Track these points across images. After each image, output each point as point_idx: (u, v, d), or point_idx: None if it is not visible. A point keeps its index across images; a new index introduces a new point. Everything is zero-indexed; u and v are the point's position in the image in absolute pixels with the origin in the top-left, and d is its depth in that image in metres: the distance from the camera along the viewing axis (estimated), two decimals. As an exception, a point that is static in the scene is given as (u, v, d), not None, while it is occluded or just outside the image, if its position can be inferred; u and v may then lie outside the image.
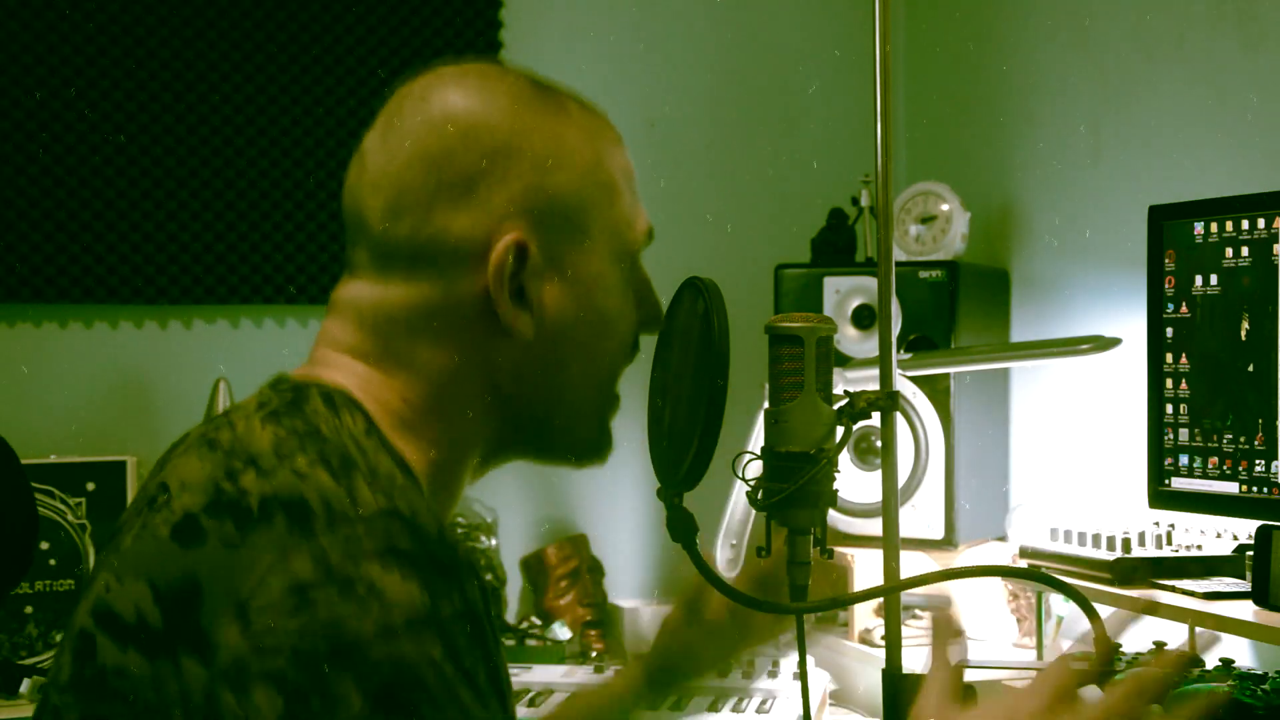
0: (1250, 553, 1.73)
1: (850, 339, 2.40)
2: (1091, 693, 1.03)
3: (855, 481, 2.35)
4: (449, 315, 1.03)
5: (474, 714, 0.88)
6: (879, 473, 1.41)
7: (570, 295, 1.06)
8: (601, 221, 1.08)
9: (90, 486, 2.34)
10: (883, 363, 1.38)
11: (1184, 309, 1.88)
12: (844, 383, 2.23)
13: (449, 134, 1.03)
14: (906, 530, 2.26)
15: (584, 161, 1.07)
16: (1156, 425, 1.91)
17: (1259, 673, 1.72)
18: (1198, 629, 1.70)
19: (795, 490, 1.16)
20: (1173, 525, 1.93)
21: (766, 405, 1.20)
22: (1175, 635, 1.91)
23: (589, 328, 1.07)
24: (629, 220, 1.11)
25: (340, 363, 1.04)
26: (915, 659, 1.29)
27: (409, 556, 0.88)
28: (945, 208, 2.48)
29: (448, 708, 0.86)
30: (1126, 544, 1.85)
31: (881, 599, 1.80)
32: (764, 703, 2.13)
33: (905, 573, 1.31)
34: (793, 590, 1.22)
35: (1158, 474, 1.91)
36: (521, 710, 2.04)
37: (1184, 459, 1.87)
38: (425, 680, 0.86)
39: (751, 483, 1.18)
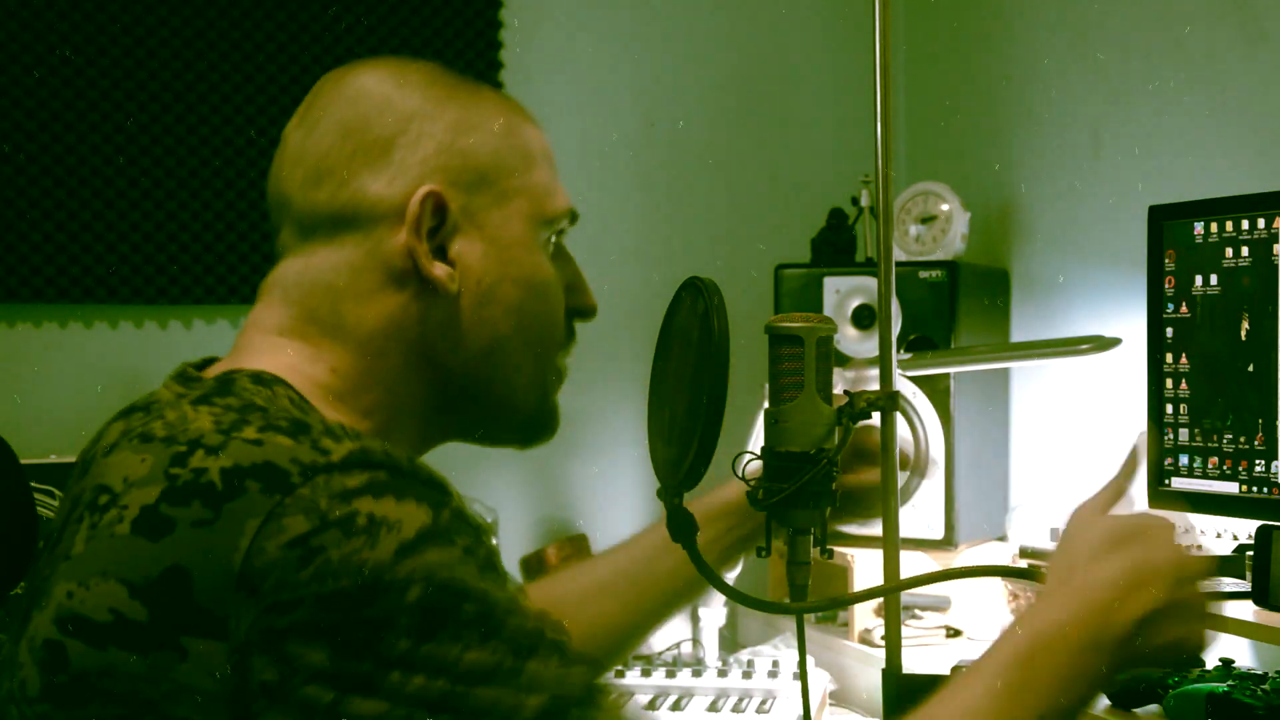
0: (1250, 553, 1.73)
1: (850, 339, 2.40)
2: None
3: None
4: (373, 274, 1.05)
5: (511, 598, 0.89)
6: (879, 472, 1.40)
7: (492, 253, 1.07)
8: (518, 184, 1.09)
9: (90, 486, 2.34)
10: (883, 363, 1.38)
11: (1184, 309, 1.88)
12: (844, 383, 2.23)
13: (364, 104, 1.06)
14: (906, 530, 2.26)
15: (497, 127, 1.09)
16: (1156, 425, 1.91)
17: (1259, 673, 1.72)
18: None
19: (795, 490, 1.16)
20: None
21: (766, 405, 1.20)
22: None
23: (515, 287, 1.08)
24: (547, 190, 1.12)
25: (265, 345, 1.05)
26: (915, 659, 1.29)
27: (394, 482, 0.90)
28: (945, 208, 2.48)
29: (485, 597, 0.88)
30: (1126, 544, 1.84)
31: (881, 599, 1.80)
32: (764, 703, 2.13)
33: (905, 573, 1.31)
34: (793, 590, 1.22)
35: (1158, 474, 1.91)
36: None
37: (1184, 459, 1.87)
38: (458, 580, 0.87)
39: (751, 483, 1.18)
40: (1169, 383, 1.89)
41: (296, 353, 1.04)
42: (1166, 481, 1.90)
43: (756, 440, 1.23)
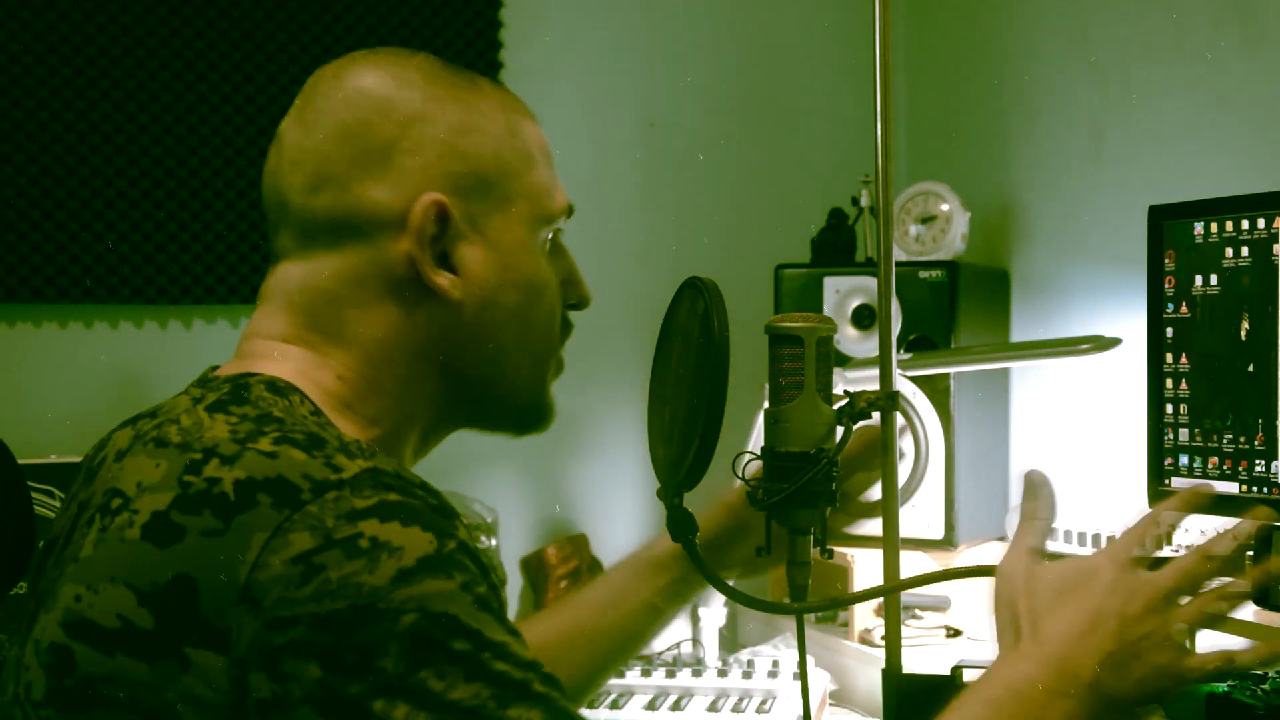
0: (1250, 553, 1.72)
1: (850, 339, 2.40)
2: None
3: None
4: (376, 282, 1.04)
5: (498, 636, 0.88)
6: (879, 472, 1.40)
7: (494, 258, 1.07)
8: (519, 186, 1.09)
9: (90, 486, 2.34)
10: (883, 363, 1.38)
11: (1184, 309, 1.88)
12: (844, 383, 2.23)
13: (363, 106, 1.05)
14: (906, 530, 2.26)
15: (498, 128, 1.08)
16: (1156, 425, 1.91)
17: (1259, 673, 1.72)
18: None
19: (795, 490, 1.16)
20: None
21: (766, 405, 1.20)
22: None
23: (516, 291, 1.08)
24: (547, 190, 1.12)
25: (272, 351, 1.05)
26: (915, 659, 1.29)
27: (402, 506, 0.89)
28: (945, 208, 2.48)
29: (478, 635, 0.87)
30: (1126, 544, 1.84)
31: (881, 599, 1.79)
32: (764, 703, 2.13)
33: (905, 573, 1.31)
34: (793, 590, 1.22)
35: (1158, 474, 1.90)
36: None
37: (1184, 459, 1.87)
38: (451, 612, 0.86)
39: (751, 483, 1.18)
40: (1169, 383, 1.89)
41: (303, 359, 1.04)
42: (1166, 481, 1.90)
43: (756, 440, 1.23)
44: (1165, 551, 1.91)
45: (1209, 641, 1.89)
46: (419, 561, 0.87)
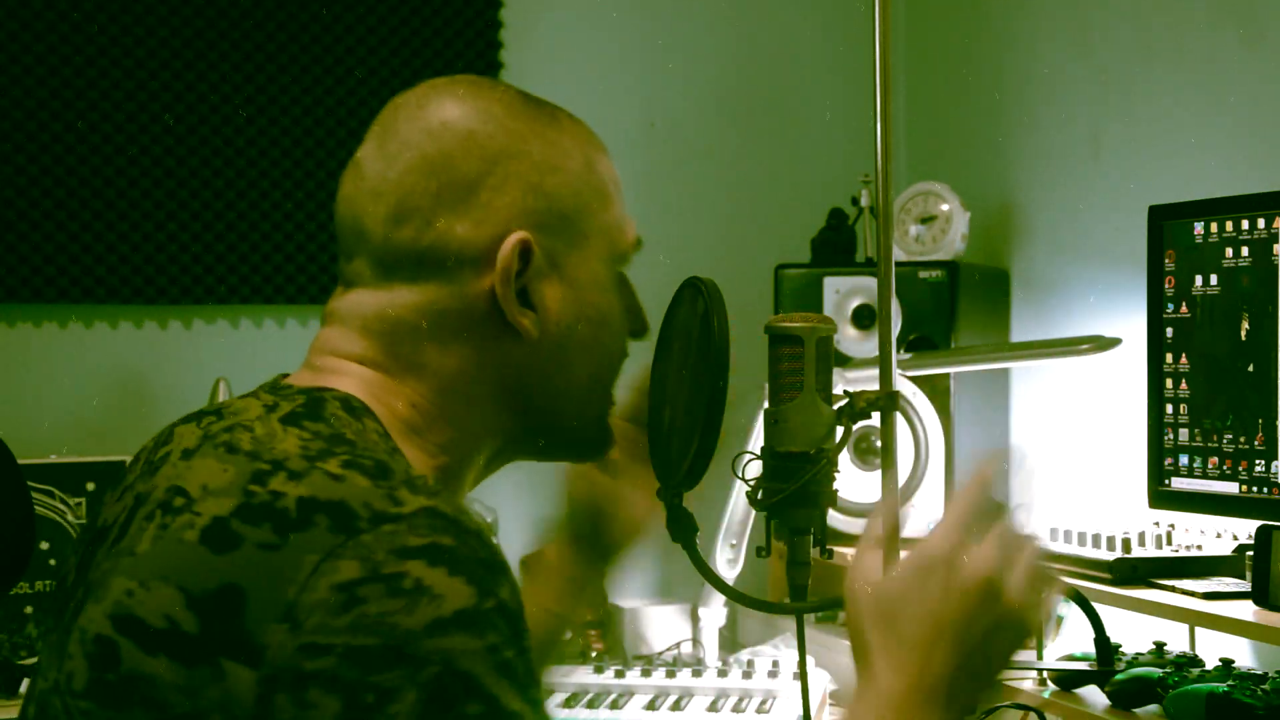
0: (1250, 553, 1.73)
1: (850, 339, 2.40)
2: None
3: (855, 481, 2.35)
4: (456, 317, 1.04)
5: (513, 705, 0.88)
6: (879, 473, 1.40)
7: (571, 296, 1.07)
8: (597, 224, 1.09)
9: (90, 486, 2.34)
10: (883, 363, 1.38)
11: (1184, 309, 1.88)
12: (844, 383, 2.23)
13: (447, 140, 1.05)
14: (906, 530, 2.25)
15: (579, 165, 1.09)
16: (1156, 425, 1.91)
17: (1259, 673, 1.72)
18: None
19: (795, 490, 1.16)
20: (1173, 525, 1.93)
21: (766, 405, 1.20)
22: (1175, 635, 1.91)
23: (590, 327, 1.08)
24: (620, 225, 1.13)
25: (348, 369, 1.04)
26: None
27: (453, 553, 0.89)
28: (945, 208, 2.48)
29: (494, 701, 0.87)
30: (1126, 544, 1.85)
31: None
32: (764, 703, 2.13)
33: (905, 573, 1.30)
34: (793, 590, 1.22)
35: (1158, 474, 1.91)
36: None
37: (1184, 459, 1.87)
38: (474, 673, 0.86)
39: (751, 483, 1.18)
40: (1169, 383, 1.89)
41: (378, 384, 1.04)
42: (1166, 481, 1.90)
43: (756, 440, 1.23)
44: (1165, 551, 1.91)
45: (1209, 641, 1.89)
46: (455, 614, 0.86)
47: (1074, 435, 2.41)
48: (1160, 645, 1.86)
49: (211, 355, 2.53)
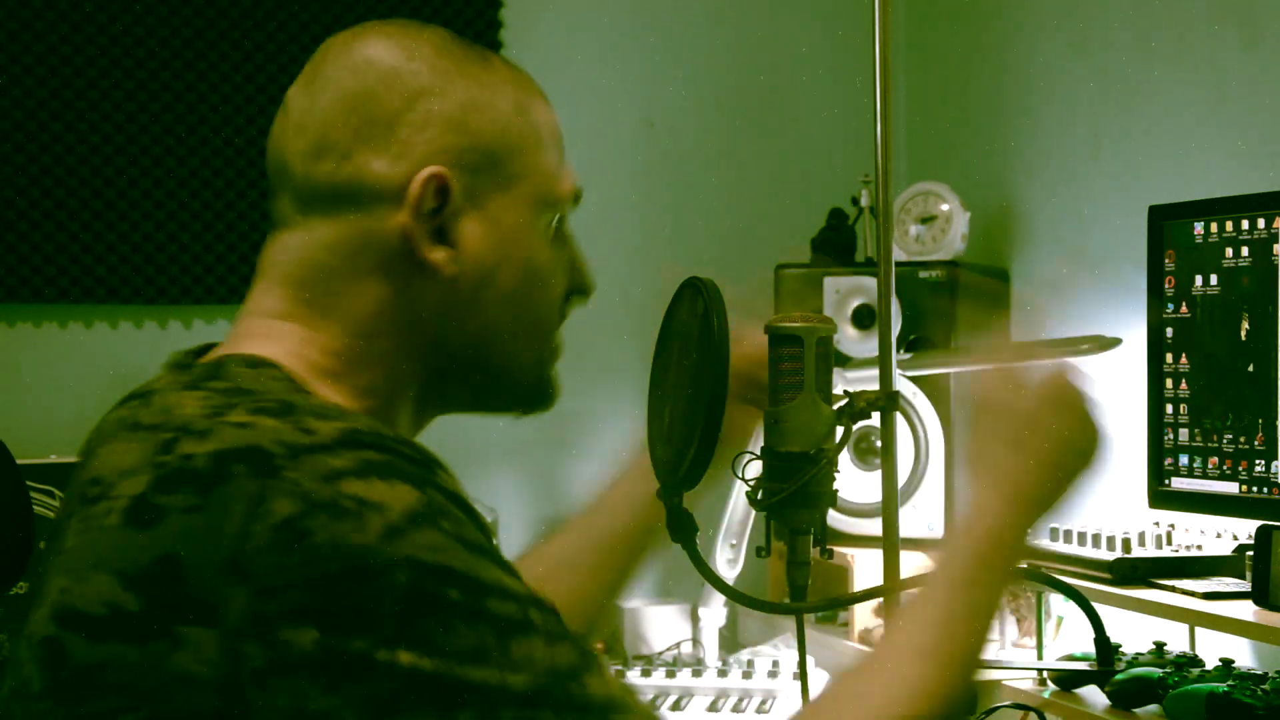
0: (1250, 553, 1.73)
1: (850, 339, 2.40)
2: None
3: (855, 481, 2.35)
4: (370, 253, 1.03)
5: (491, 576, 0.89)
6: (879, 473, 1.40)
7: (493, 236, 1.06)
8: (526, 167, 1.08)
9: (90, 486, 2.34)
10: (883, 363, 1.38)
11: (1184, 309, 1.88)
12: (844, 383, 2.23)
13: (370, 76, 1.05)
14: (906, 530, 2.26)
15: (507, 106, 1.07)
16: (1156, 425, 1.91)
17: (1259, 673, 1.72)
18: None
19: (795, 490, 1.16)
20: (1173, 525, 1.93)
21: (766, 405, 1.20)
22: (1175, 635, 1.91)
23: (513, 271, 1.07)
24: (553, 172, 1.11)
25: (260, 329, 1.04)
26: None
27: (380, 463, 0.89)
28: (945, 208, 2.48)
29: (471, 579, 0.88)
30: (1126, 544, 1.85)
31: (881, 599, 1.80)
32: (764, 703, 2.13)
33: (905, 573, 1.31)
34: (793, 590, 1.21)
35: (1158, 474, 1.91)
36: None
37: (1184, 459, 1.87)
38: (442, 562, 0.87)
39: (751, 483, 1.18)
40: (1169, 383, 1.89)
41: (291, 336, 1.03)
42: (1166, 481, 1.90)
43: (756, 440, 1.23)
44: (1165, 551, 1.92)
45: (1209, 641, 1.89)
46: (405, 516, 0.87)
47: (1074, 435, 2.40)
48: (1160, 645, 1.86)
49: (211, 355, 2.53)
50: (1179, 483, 1.88)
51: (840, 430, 1.18)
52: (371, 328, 1.04)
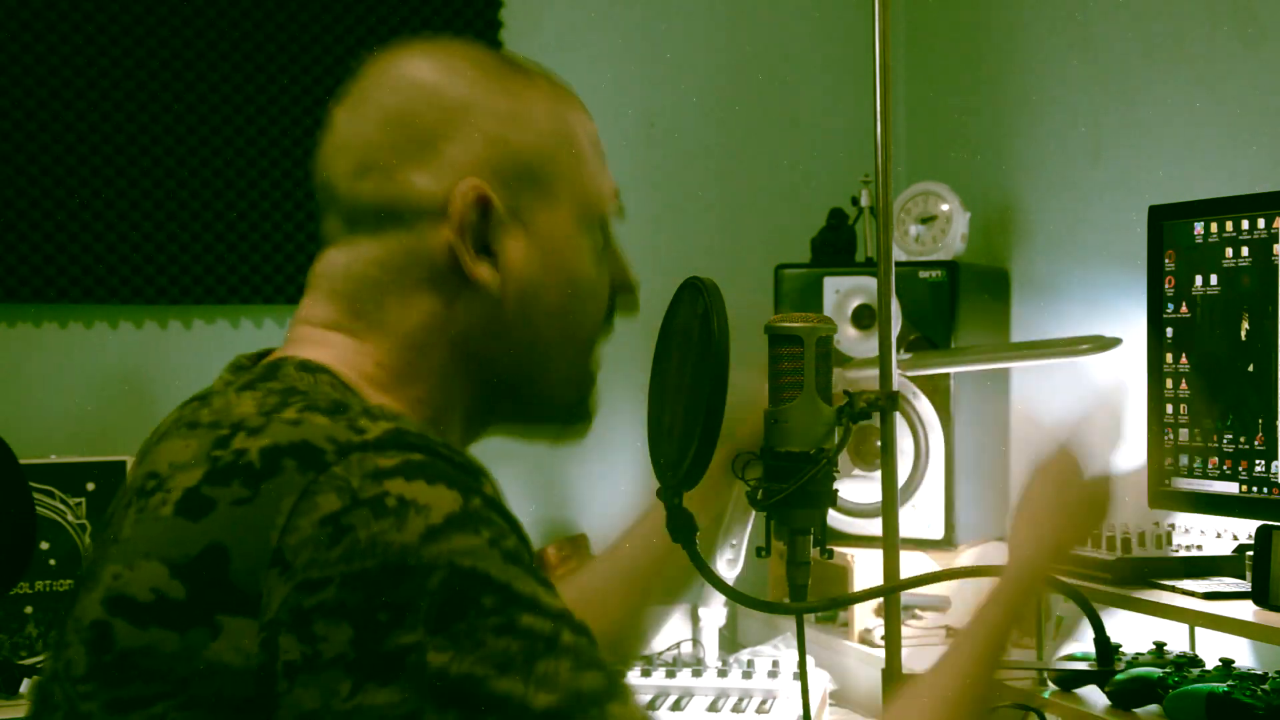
0: (1250, 553, 1.73)
1: (850, 339, 2.40)
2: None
3: (855, 481, 2.35)
4: (416, 269, 1.04)
5: (527, 589, 0.89)
6: (879, 473, 1.41)
7: (536, 251, 1.06)
8: (565, 179, 1.08)
9: (90, 486, 2.34)
10: (883, 363, 1.38)
11: (1184, 309, 1.88)
12: (844, 383, 2.23)
13: (412, 94, 1.05)
14: (906, 530, 2.26)
15: (547, 120, 1.08)
16: (1157, 425, 1.91)
17: (1259, 673, 1.72)
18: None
19: (795, 490, 1.16)
20: (1173, 525, 1.93)
21: (766, 405, 1.20)
22: (1175, 635, 1.91)
23: (558, 287, 1.07)
24: (595, 183, 1.11)
25: (313, 337, 1.05)
26: (915, 659, 1.29)
27: (426, 465, 0.90)
28: (945, 208, 2.48)
29: (507, 589, 0.88)
30: (1126, 544, 1.85)
31: (881, 599, 1.80)
32: (764, 703, 2.13)
33: (905, 573, 1.31)
34: (793, 590, 1.22)
35: (1158, 474, 1.91)
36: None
37: (1184, 459, 1.87)
38: (480, 567, 0.88)
39: (751, 483, 1.18)
40: (1169, 383, 1.89)
41: (343, 345, 1.04)
42: (1166, 481, 1.90)
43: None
44: (1165, 551, 1.92)
45: (1209, 641, 1.89)
46: (446, 519, 0.88)
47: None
48: (1160, 645, 1.86)
49: (211, 355, 2.52)
50: (1179, 482, 1.88)
51: (840, 430, 1.18)
52: (420, 341, 1.05)
